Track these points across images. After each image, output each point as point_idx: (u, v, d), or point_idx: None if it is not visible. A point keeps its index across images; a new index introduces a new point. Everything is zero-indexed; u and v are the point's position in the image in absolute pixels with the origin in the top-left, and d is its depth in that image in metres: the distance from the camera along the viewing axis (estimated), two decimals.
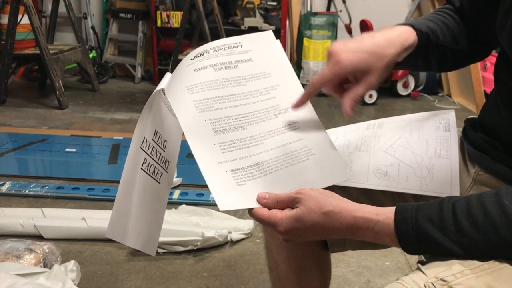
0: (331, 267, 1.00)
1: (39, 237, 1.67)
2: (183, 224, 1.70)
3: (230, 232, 1.72)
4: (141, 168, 0.74)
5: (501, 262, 0.58)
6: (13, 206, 1.92)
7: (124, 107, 3.53)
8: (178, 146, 0.83)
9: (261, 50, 0.79)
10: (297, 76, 0.78)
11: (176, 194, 2.02)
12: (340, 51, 0.72)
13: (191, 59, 0.74)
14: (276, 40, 0.81)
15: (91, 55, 4.21)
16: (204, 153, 0.68)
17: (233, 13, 4.20)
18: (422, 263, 0.61)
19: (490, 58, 0.89)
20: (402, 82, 3.89)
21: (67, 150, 2.55)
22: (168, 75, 0.75)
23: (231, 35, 0.80)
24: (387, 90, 3.92)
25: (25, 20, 3.42)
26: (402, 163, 0.82)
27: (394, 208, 0.62)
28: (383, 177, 0.81)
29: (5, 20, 3.54)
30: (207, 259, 1.63)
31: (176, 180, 2.12)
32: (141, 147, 0.73)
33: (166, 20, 4.09)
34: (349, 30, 3.90)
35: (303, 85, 0.74)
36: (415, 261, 0.66)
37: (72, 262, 1.45)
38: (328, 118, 3.34)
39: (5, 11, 3.82)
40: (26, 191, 2.03)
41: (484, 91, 3.48)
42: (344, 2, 4.10)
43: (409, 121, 0.91)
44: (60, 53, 3.53)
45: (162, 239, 1.60)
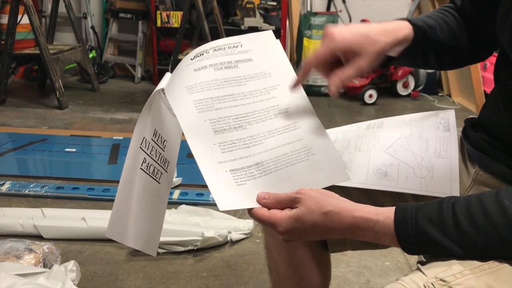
0: (331, 267, 0.99)
1: (39, 237, 1.67)
2: (183, 224, 1.70)
3: (230, 232, 1.71)
4: (141, 168, 0.74)
5: (501, 262, 0.58)
6: (13, 206, 1.92)
7: (124, 107, 3.53)
8: (178, 146, 0.83)
9: (261, 50, 0.79)
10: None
11: (176, 194, 2.02)
12: (335, 30, 0.75)
13: (191, 59, 0.74)
14: (276, 40, 0.81)
15: (91, 55, 4.21)
16: (204, 153, 0.68)
17: (233, 13, 4.20)
18: (422, 263, 0.61)
19: (490, 58, 0.89)
20: (402, 82, 3.89)
21: (67, 150, 2.55)
22: (168, 75, 0.75)
23: (231, 35, 0.80)
24: (387, 90, 3.92)
25: (25, 20, 3.41)
26: (402, 163, 0.82)
27: (394, 208, 0.62)
28: (383, 177, 0.81)
29: (5, 20, 3.53)
30: (207, 259, 1.63)
31: (176, 180, 2.12)
32: (141, 147, 0.73)
33: (166, 20, 4.08)
34: None
35: (303, 85, 0.74)
36: (415, 261, 0.66)
37: (72, 262, 1.45)
38: (328, 118, 3.34)
39: (5, 11, 3.82)
40: (26, 191, 2.03)
41: (484, 91, 3.48)
42: (344, 2, 4.10)
43: (409, 121, 0.91)
44: (60, 53, 3.53)
45: (162, 239, 1.60)
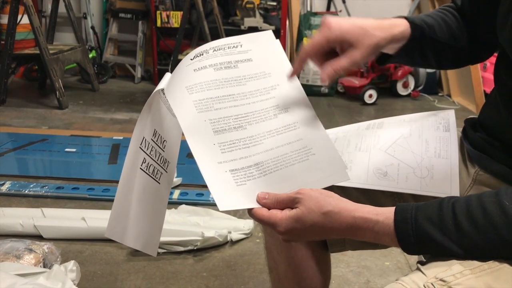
0: (331, 267, 1.00)
1: (39, 237, 1.67)
2: (183, 224, 1.70)
3: (230, 232, 1.71)
4: (141, 168, 0.74)
5: (501, 262, 0.58)
6: (13, 206, 1.92)
7: (124, 107, 3.53)
8: (178, 146, 0.83)
9: (261, 50, 0.79)
10: (297, 76, 0.78)
11: (176, 194, 2.02)
12: (332, 20, 0.76)
13: (191, 59, 0.74)
14: (276, 40, 0.81)
15: (91, 55, 4.21)
16: (204, 153, 0.68)
17: (233, 13, 4.20)
18: (422, 263, 0.61)
19: (490, 58, 0.89)
20: (402, 82, 3.89)
21: (67, 150, 2.55)
22: (168, 75, 0.75)
23: (231, 35, 0.80)
24: (387, 90, 3.92)
25: (25, 20, 3.41)
26: (402, 163, 0.82)
27: (394, 208, 0.62)
28: (383, 177, 0.81)
29: (5, 20, 3.53)
30: (207, 259, 1.63)
31: (176, 180, 2.12)
32: (141, 147, 0.73)
33: (166, 20, 4.08)
34: None
35: (303, 85, 0.74)
36: (415, 261, 0.66)
37: (72, 262, 1.45)
38: (328, 118, 3.34)
39: (5, 11, 3.82)
40: (26, 191, 2.03)
41: (484, 91, 3.48)
42: (344, 2, 4.10)
43: (409, 121, 0.91)
44: (60, 53, 3.53)
45: (162, 239, 1.60)
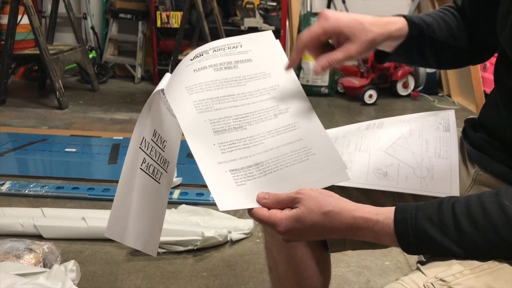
0: (331, 267, 1.00)
1: (39, 237, 1.67)
2: (183, 224, 1.70)
3: (230, 232, 1.71)
4: (140, 168, 0.74)
5: (501, 262, 0.58)
6: (13, 206, 1.92)
7: (124, 107, 3.53)
8: (178, 147, 0.83)
9: (261, 50, 0.79)
10: (297, 76, 0.78)
11: (176, 194, 2.02)
12: (330, 12, 0.77)
13: (191, 60, 0.74)
14: (276, 40, 0.81)
15: (91, 55, 4.21)
16: (204, 154, 0.68)
17: (233, 13, 4.20)
18: (422, 263, 0.61)
19: (490, 58, 0.89)
20: (402, 82, 3.89)
21: (67, 150, 2.55)
22: (168, 76, 0.75)
23: (231, 35, 0.80)
24: (387, 90, 3.92)
25: (25, 20, 3.41)
26: (402, 163, 0.82)
27: (394, 208, 0.62)
28: (383, 177, 0.81)
29: (5, 20, 3.53)
30: (207, 259, 1.63)
31: (176, 180, 2.12)
32: (140, 147, 0.73)
33: (166, 21, 4.08)
34: None
35: (303, 85, 0.74)
36: (415, 261, 0.66)
37: (72, 262, 1.45)
38: (328, 118, 3.34)
39: (5, 11, 3.82)
40: (26, 191, 2.03)
41: (484, 91, 3.48)
42: (344, 2, 4.10)
43: (409, 121, 0.91)
44: (60, 53, 3.53)
45: (162, 239, 1.60)
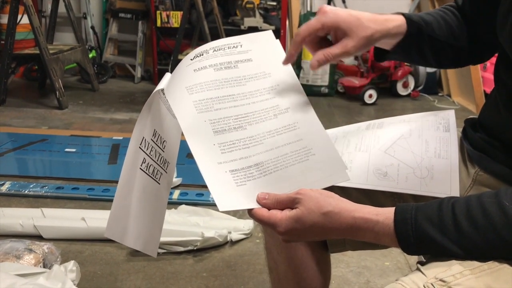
0: (331, 267, 0.99)
1: (39, 237, 1.67)
2: (183, 224, 1.70)
3: (230, 232, 1.71)
4: (140, 168, 0.74)
5: (501, 263, 0.58)
6: (13, 206, 1.92)
7: (124, 107, 3.53)
8: (177, 147, 0.82)
9: (261, 50, 0.79)
10: (297, 76, 0.78)
11: (176, 194, 2.02)
12: (328, 7, 0.77)
13: (191, 59, 0.74)
14: (276, 40, 0.81)
15: (91, 55, 4.21)
16: (204, 154, 0.68)
17: (233, 13, 4.20)
18: (422, 264, 0.61)
19: (490, 58, 0.89)
20: (402, 82, 3.89)
21: (67, 150, 2.55)
22: (168, 75, 0.75)
23: (231, 35, 0.80)
24: (387, 90, 3.92)
25: (25, 20, 3.41)
26: (402, 164, 0.82)
27: (394, 209, 0.62)
28: (383, 178, 0.81)
29: (5, 20, 3.53)
30: (207, 259, 1.63)
31: (176, 180, 2.12)
32: (140, 147, 0.73)
33: (166, 20, 4.08)
34: None
35: (303, 85, 0.74)
36: (415, 262, 0.66)
37: (72, 262, 1.45)
38: (328, 118, 3.34)
39: (5, 11, 3.82)
40: (26, 191, 2.03)
41: (484, 91, 3.48)
42: (344, 2, 4.10)
43: (409, 121, 0.91)
44: (60, 53, 3.53)
45: (162, 239, 1.60)
